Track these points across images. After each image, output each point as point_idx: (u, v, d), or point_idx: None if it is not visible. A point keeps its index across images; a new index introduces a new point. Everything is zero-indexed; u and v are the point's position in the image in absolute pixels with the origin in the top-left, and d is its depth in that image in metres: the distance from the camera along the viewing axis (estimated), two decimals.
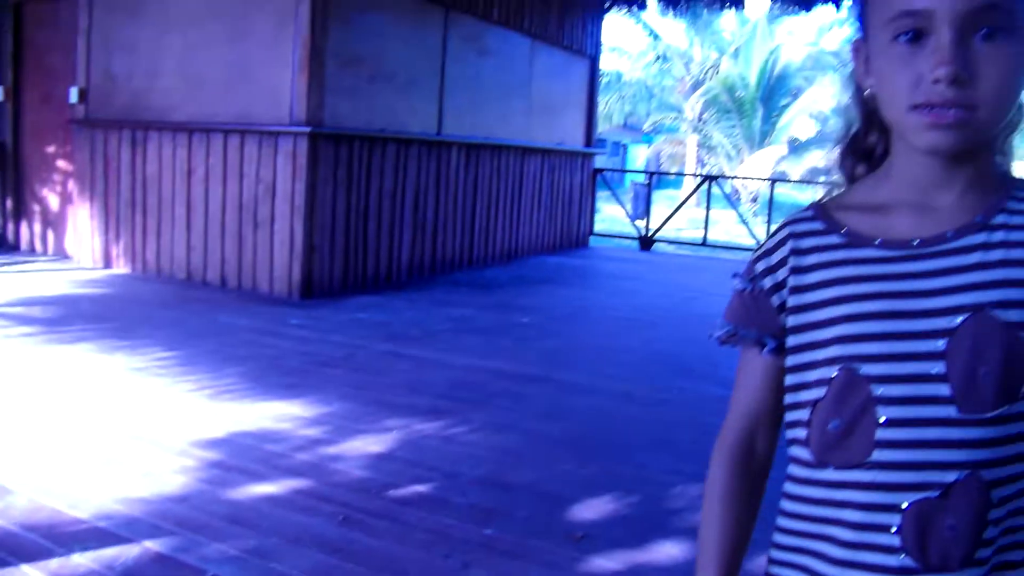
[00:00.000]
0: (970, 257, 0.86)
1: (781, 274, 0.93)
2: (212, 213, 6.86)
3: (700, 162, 26.23)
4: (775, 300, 0.93)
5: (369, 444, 3.47)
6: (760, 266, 0.95)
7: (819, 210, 0.95)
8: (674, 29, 28.80)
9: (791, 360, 0.92)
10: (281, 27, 6.43)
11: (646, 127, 30.01)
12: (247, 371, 4.44)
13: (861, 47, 0.94)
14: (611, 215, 15.97)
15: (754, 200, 22.75)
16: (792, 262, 0.92)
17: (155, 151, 7.11)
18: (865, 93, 0.94)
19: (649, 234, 11.71)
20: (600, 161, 12.74)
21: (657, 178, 21.44)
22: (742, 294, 0.97)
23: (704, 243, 11.66)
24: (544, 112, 9.96)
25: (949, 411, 0.82)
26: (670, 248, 12.03)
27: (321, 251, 6.69)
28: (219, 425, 3.59)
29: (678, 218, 12.50)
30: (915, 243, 0.87)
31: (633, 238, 11.96)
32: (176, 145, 6.99)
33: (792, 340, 0.92)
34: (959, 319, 0.83)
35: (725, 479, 0.98)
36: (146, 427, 3.54)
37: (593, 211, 11.74)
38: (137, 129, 7.20)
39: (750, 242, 11.78)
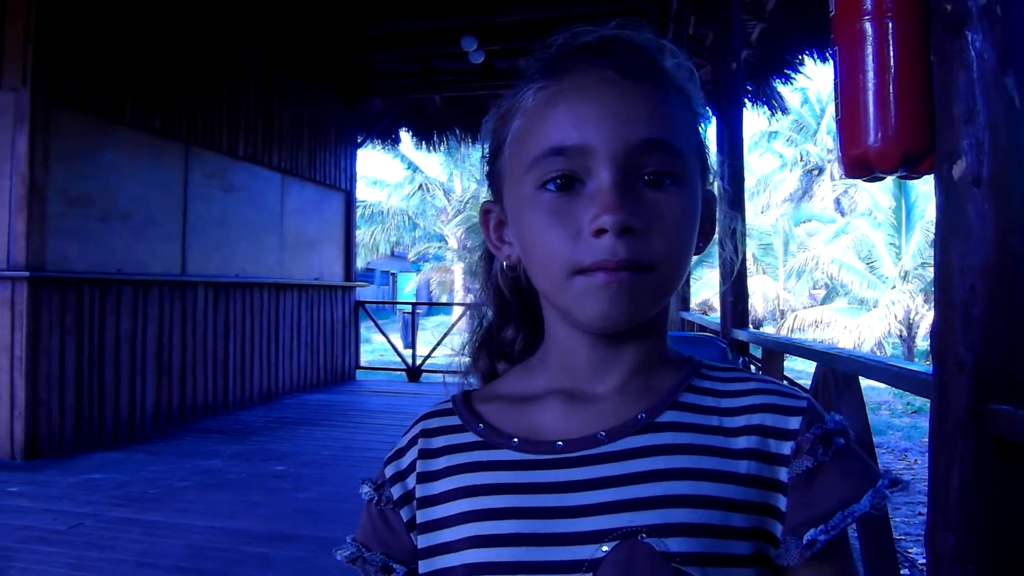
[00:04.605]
0: (626, 466, 0.68)
1: (410, 482, 0.76)
2: None
3: (468, 289, 26.80)
4: (405, 514, 0.76)
5: None
6: (389, 471, 0.78)
7: (460, 401, 0.79)
8: (432, 162, 29.80)
9: None
10: None
11: (412, 256, 30.45)
12: None
13: (493, 209, 0.78)
14: (382, 343, 15.77)
15: None
16: (420, 467, 0.76)
17: None
18: (497, 268, 0.80)
19: (417, 364, 11.58)
20: (370, 291, 12.63)
21: (428, 306, 21.72)
22: (369, 506, 0.79)
23: None
24: (299, 247, 9.75)
25: None
26: (440, 376, 11.90)
27: (48, 405, 6.01)
28: None
29: (450, 346, 12.48)
30: (559, 445, 0.71)
31: (401, 369, 11.79)
32: None
33: (423, 566, 0.73)
34: (605, 547, 0.66)
35: None
36: None
37: (358, 345, 11.49)
38: None
39: None
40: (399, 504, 0.76)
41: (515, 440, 0.73)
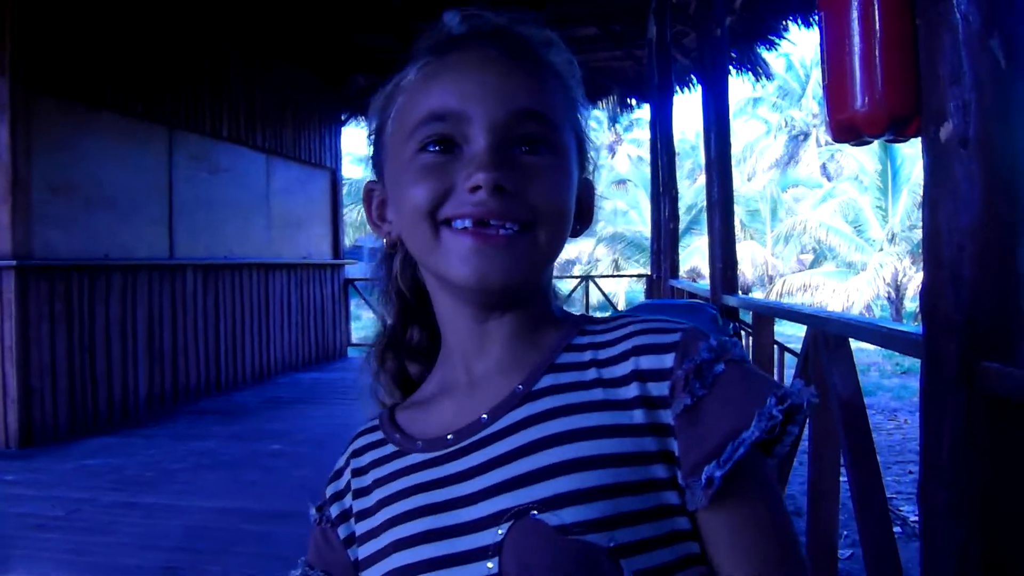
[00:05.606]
0: (509, 442, 0.68)
1: (347, 500, 0.79)
2: None
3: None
4: (343, 532, 0.79)
5: None
6: (329, 491, 0.81)
7: (385, 416, 0.81)
8: None
9: None
10: None
11: None
12: None
13: (376, 188, 0.79)
14: (373, 320, 15.74)
15: None
16: (354, 485, 0.78)
17: None
18: (397, 268, 0.81)
19: None
20: (358, 269, 12.57)
21: None
22: (314, 527, 0.82)
23: None
24: (286, 227, 9.74)
25: None
26: None
27: (41, 393, 6.03)
28: None
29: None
30: (449, 438, 0.71)
31: None
32: None
33: None
34: (500, 530, 0.64)
35: None
36: None
37: (348, 322, 11.51)
38: None
39: None
40: (337, 523, 0.79)
41: (419, 443, 0.74)
